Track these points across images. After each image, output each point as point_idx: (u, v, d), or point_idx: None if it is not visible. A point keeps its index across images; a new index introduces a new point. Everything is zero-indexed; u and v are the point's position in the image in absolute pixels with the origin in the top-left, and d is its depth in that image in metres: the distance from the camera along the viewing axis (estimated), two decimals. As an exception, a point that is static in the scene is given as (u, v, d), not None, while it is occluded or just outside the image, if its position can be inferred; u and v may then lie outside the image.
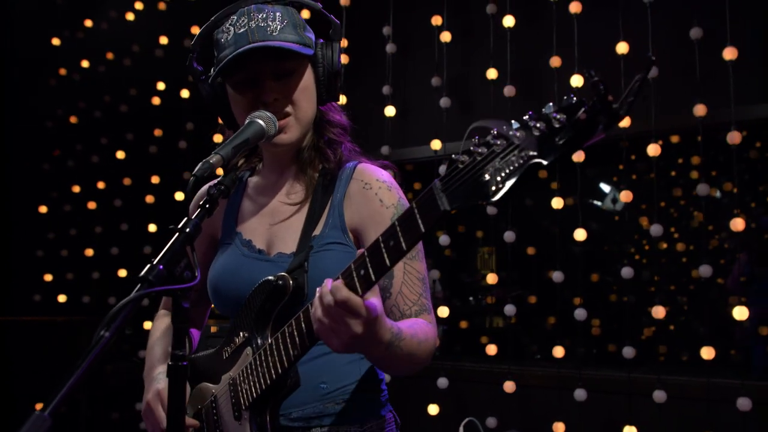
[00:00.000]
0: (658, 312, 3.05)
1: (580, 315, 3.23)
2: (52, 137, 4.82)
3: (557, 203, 3.36)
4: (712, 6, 3.10)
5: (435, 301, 4.47)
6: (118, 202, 4.44)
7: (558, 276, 3.33)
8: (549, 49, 3.42)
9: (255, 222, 1.43)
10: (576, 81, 3.26)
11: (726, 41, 3.02)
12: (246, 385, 1.24)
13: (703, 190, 3.06)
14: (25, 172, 4.86)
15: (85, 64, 4.67)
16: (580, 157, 3.32)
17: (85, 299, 4.43)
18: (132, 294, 0.92)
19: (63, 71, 4.77)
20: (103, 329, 0.86)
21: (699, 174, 4.61)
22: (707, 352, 2.94)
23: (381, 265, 0.99)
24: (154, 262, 0.97)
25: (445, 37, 3.72)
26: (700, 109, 3.04)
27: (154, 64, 4.38)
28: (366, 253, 1.01)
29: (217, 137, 1.62)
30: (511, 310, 3.43)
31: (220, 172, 1.16)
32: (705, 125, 3.11)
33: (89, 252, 4.45)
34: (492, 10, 3.60)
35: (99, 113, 4.67)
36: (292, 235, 1.35)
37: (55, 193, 4.71)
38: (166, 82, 4.35)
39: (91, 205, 4.50)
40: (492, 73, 3.57)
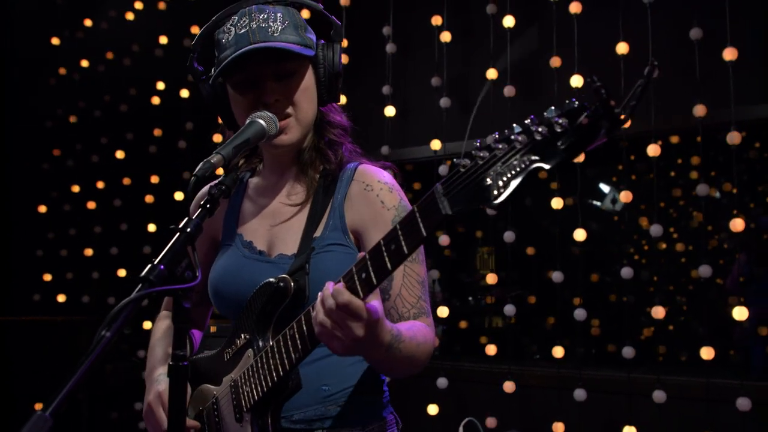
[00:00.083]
0: (658, 312, 3.05)
1: (580, 315, 3.23)
2: (51, 137, 4.81)
3: (557, 203, 3.35)
4: (712, 6, 3.10)
5: (434, 301, 4.47)
6: (117, 202, 4.44)
7: (557, 276, 3.33)
8: (549, 49, 3.42)
9: (256, 223, 1.42)
10: (576, 81, 3.26)
11: (726, 41, 3.01)
12: (247, 387, 1.24)
13: (703, 190, 3.05)
14: (25, 171, 4.86)
15: (84, 63, 4.66)
16: (579, 157, 3.32)
17: (85, 299, 4.43)
18: (133, 294, 0.92)
19: (63, 71, 4.76)
20: (105, 329, 0.86)
21: (698, 174, 4.62)
22: (707, 353, 2.94)
23: (382, 268, 1.00)
24: (155, 262, 0.97)
25: (445, 37, 3.72)
26: (699, 110, 3.04)
27: (154, 64, 4.37)
28: (367, 256, 1.01)
29: (217, 137, 1.62)
30: (510, 310, 3.43)
31: (221, 172, 1.16)
32: (705, 125, 3.11)
33: (89, 252, 4.45)
34: (492, 10, 3.59)
35: (99, 113, 4.66)
36: (293, 236, 1.35)
37: (54, 192, 4.70)
38: (165, 81, 4.35)
39: (91, 204, 4.49)
40: (492, 73, 3.57)
